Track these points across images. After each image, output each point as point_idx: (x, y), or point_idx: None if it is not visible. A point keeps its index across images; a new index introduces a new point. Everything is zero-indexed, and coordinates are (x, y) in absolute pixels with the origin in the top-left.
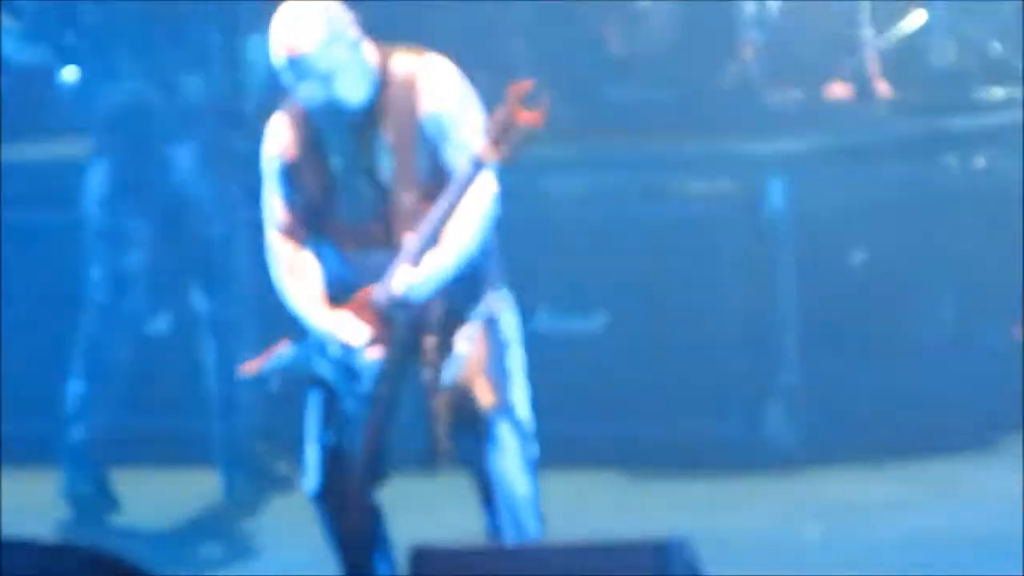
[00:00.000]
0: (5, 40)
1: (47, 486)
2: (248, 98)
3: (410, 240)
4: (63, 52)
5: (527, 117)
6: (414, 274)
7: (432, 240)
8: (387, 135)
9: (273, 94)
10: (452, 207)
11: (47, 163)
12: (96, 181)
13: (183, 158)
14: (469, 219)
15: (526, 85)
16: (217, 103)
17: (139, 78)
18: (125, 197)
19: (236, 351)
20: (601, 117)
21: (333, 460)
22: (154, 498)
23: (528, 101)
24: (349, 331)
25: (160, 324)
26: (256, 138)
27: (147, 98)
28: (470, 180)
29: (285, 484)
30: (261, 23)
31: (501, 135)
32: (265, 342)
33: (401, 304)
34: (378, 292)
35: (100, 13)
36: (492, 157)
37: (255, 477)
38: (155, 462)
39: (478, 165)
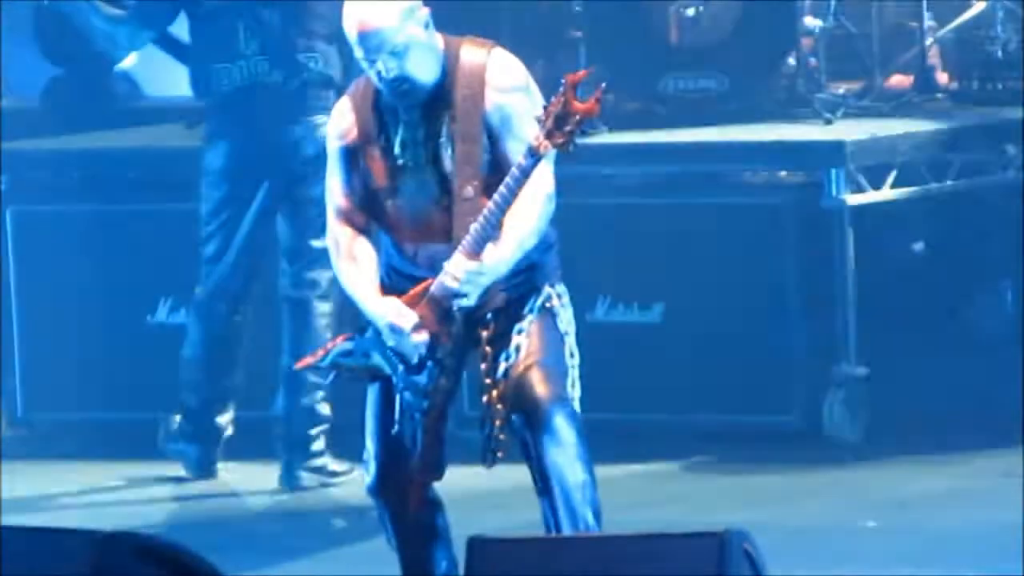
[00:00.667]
0: (117, 29)
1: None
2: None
3: (468, 231)
4: (171, 38)
5: (582, 107)
6: (470, 266)
7: (489, 232)
8: (451, 125)
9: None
10: (509, 199)
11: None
12: (214, 160)
13: (302, 137)
14: (528, 212)
15: (581, 74)
16: (331, 83)
17: (254, 58)
18: (244, 177)
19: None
20: (659, 107)
21: (392, 453)
22: (213, 489)
23: (583, 90)
24: (396, 315)
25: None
26: None
27: (264, 78)
28: (526, 172)
29: (344, 477)
30: None
31: (556, 125)
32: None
33: (456, 295)
34: (436, 284)
35: None
36: (547, 148)
37: (313, 467)
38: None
39: (534, 156)
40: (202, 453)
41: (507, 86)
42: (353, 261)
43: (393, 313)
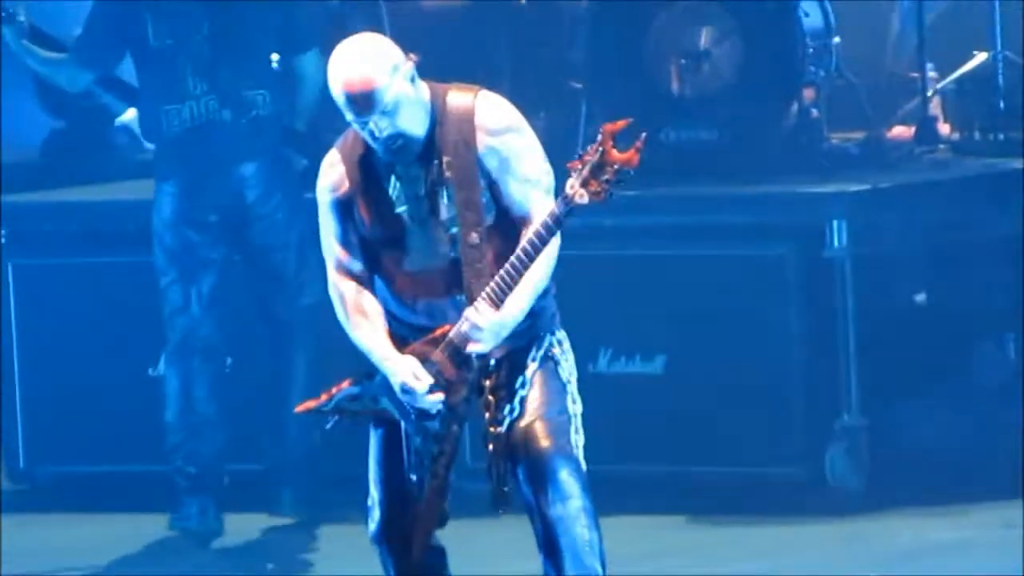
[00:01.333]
0: (57, 71)
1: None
2: (301, 116)
3: (481, 279)
4: (117, 83)
5: (621, 156)
6: (493, 316)
7: (516, 280)
8: (445, 172)
9: (324, 113)
10: (540, 247)
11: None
12: (166, 204)
13: (249, 176)
14: (542, 258)
15: (620, 124)
16: (277, 121)
17: (203, 97)
18: (195, 221)
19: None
20: (660, 158)
21: (397, 500)
22: (216, 541)
23: (622, 141)
24: (412, 377)
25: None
26: (310, 155)
27: (214, 116)
28: (559, 220)
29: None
30: (314, 41)
31: (592, 174)
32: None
33: (474, 343)
34: (455, 331)
35: (158, 35)
36: (582, 196)
37: (305, 501)
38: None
39: (567, 204)
40: (201, 506)
41: (498, 128)
42: (364, 316)
43: (409, 375)
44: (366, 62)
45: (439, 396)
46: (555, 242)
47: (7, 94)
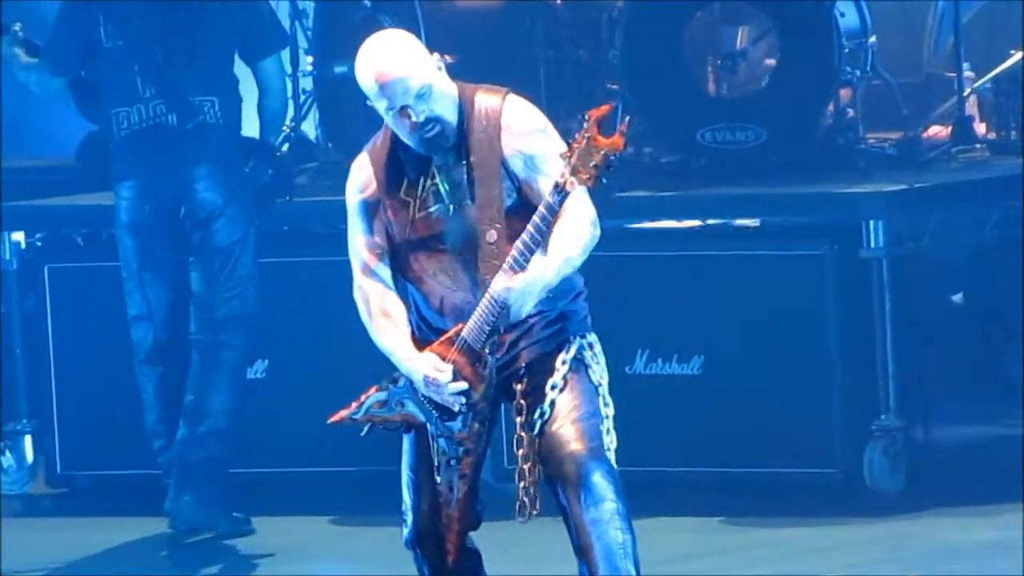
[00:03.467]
0: (29, 76)
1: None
2: (269, 126)
3: (494, 274)
4: (83, 84)
5: (607, 141)
6: (513, 282)
7: (518, 272)
8: (470, 172)
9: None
10: (538, 239)
11: None
12: (122, 208)
13: (197, 182)
14: (574, 232)
15: (604, 109)
16: (228, 129)
17: (152, 101)
18: (150, 226)
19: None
20: (697, 158)
21: (430, 504)
22: (251, 544)
23: (608, 126)
24: (433, 369)
25: None
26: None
27: (161, 120)
28: (553, 210)
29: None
30: (276, 47)
31: (582, 161)
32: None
33: (501, 311)
34: (468, 329)
35: (110, 36)
36: (573, 185)
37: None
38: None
39: (560, 193)
40: (177, 490)
41: (524, 130)
42: (387, 317)
43: (430, 368)
44: (395, 51)
45: (462, 384)
46: (593, 227)
47: (41, 99)
